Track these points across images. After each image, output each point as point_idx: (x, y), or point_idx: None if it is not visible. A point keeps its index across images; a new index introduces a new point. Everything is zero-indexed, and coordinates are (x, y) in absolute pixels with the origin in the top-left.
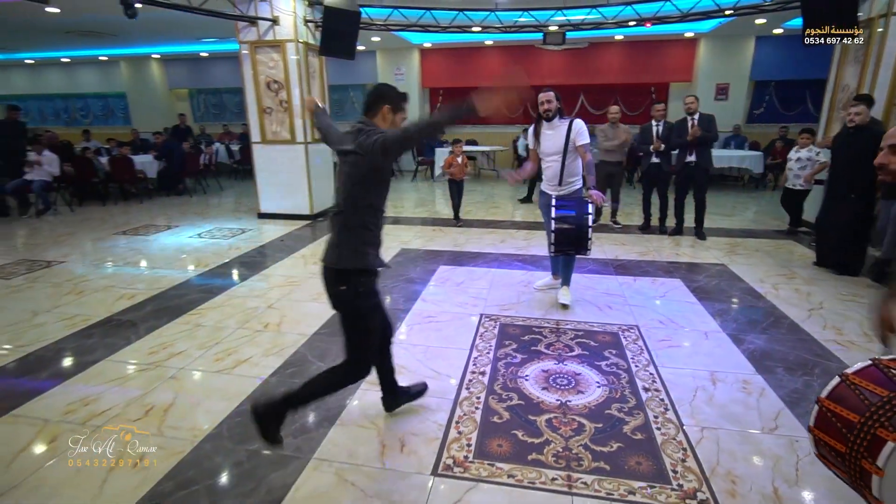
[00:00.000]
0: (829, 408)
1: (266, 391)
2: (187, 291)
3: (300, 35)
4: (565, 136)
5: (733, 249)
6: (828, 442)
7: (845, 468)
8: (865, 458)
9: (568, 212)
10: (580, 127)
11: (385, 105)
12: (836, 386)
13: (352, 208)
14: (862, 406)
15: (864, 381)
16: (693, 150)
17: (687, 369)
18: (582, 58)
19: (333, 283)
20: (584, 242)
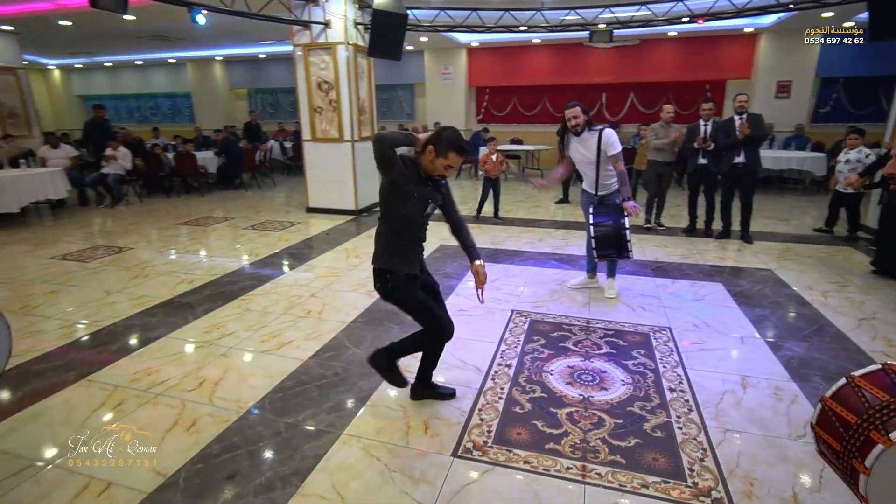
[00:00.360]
0: (831, 407)
1: (307, 370)
2: (239, 278)
3: (350, 37)
4: (596, 148)
5: (784, 255)
6: (826, 440)
7: (839, 465)
8: (856, 458)
9: (605, 219)
10: (610, 138)
11: (432, 145)
12: (841, 387)
13: (384, 217)
14: (861, 408)
15: (868, 384)
16: (741, 151)
17: (717, 373)
18: (633, 55)
19: (374, 280)
20: (624, 245)
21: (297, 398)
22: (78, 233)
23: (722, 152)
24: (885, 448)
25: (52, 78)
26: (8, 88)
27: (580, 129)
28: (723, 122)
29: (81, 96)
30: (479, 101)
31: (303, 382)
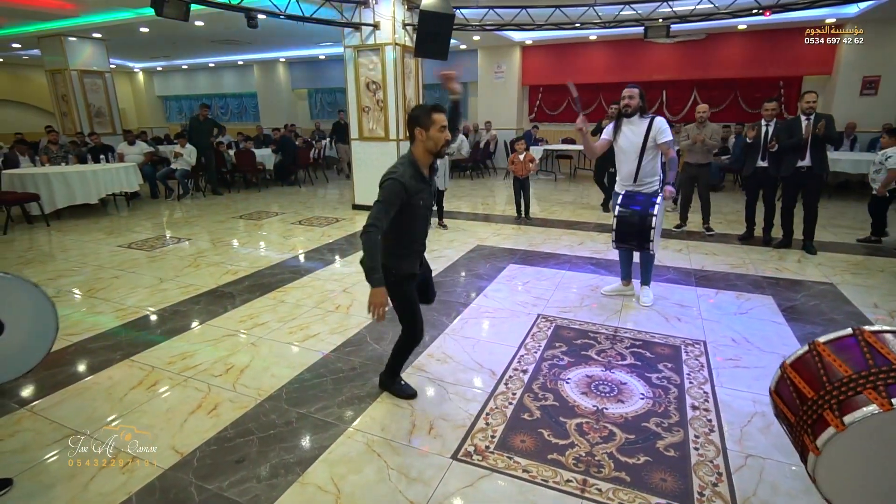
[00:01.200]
0: (789, 376)
1: (326, 363)
2: (280, 271)
3: (398, 38)
4: (644, 134)
5: (850, 268)
6: (781, 409)
7: (792, 437)
8: (808, 435)
9: (633, 206)
10: (662, 125)
11: (417, 128)
12: (802, 354)
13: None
14: (818, 382)
15: (832, 354)
16: (806, 154)
17: (748, 393)
18: (697, 50)
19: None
20: (647, 237)
21: (313, 390)
22: (146, 223)
23: (784, 154)
24: (836, 432)
25: (136, 80)
26: (97, 90)
27: (630, 112)
28: (787, 122)
29: (161, 96)
30: (531, 100)
31: (321, 375)
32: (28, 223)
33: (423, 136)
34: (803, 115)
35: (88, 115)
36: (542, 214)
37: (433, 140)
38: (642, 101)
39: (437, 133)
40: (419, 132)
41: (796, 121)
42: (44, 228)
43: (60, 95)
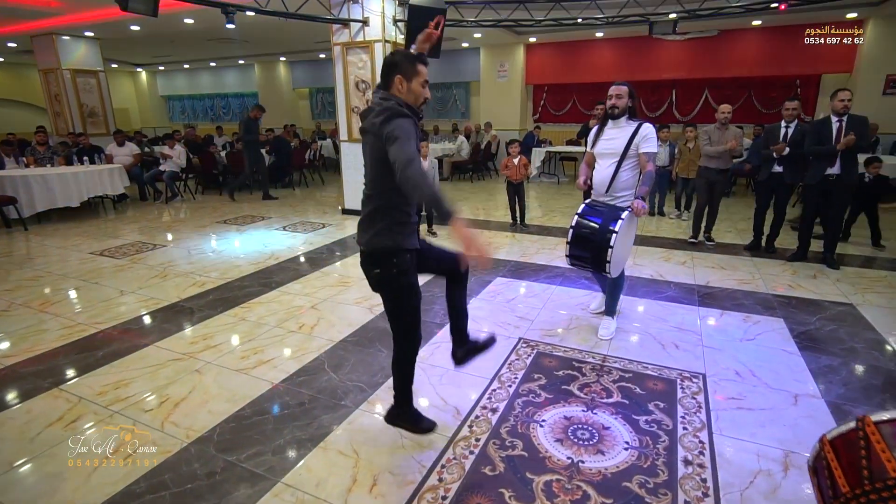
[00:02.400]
0: (826, 455)
1: (273, 396)
2: (249, 283)
3: (388, 35)
4: (628, 140)
5: (872, 285)
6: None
7: None
8: None
9: (593, 217)
10: (649, 132)
11: (396, 74)
12: (846, 432)
13: (378, 189)
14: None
15: (882, 441)
16: (837, 161)
17: (752, 443)
18: (709, 48)
19: (369, 266)
20: (603, 256)
21: (251, 430)
22: (128, 228)
23: (812, 160)
24: None
25: (139, 80)
26: (90, 90)
27: (617, 112)
28: (815, 124)
29: (164, 96)
30: (535, 100)
31: (262, 412)
32: (7, 227)
33: (402, 87)
34: (835, 115)
35: (81, 115)
36: (540, 221)
37: (413, 94)
38: (632, 101)
39: (419, 87)
40: (399, 80)
41: (826, 123)
42: (21, 233)
43: (53, 95)
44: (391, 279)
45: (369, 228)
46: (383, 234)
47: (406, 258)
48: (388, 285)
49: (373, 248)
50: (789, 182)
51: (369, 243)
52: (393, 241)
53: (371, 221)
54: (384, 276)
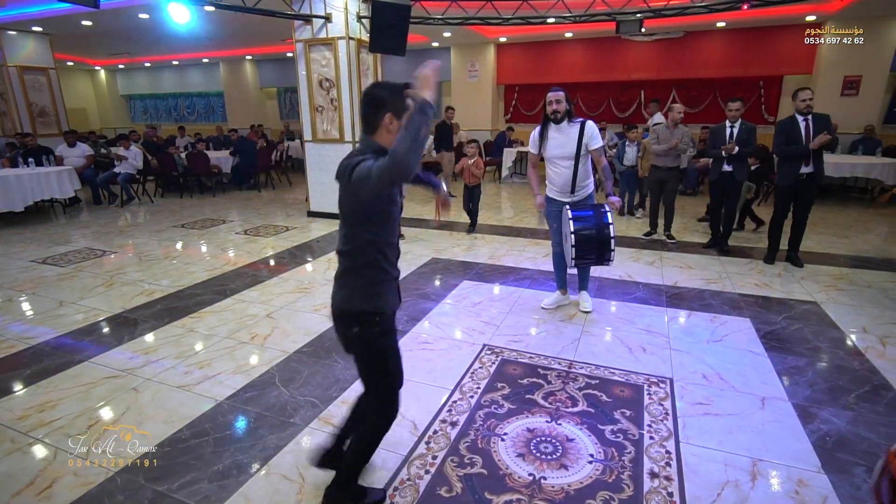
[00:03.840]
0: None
1: (216, 415)
2: (202, 291)
3: (352, 32)
4: (577, 140)
5: (835, 283)
6: None
7: None
8: None
9: (586, 223)
10: (593, 130)
11: (386, 113)
12: None
13: (353, 246)
14: None
15: None
16: (810, 161)
17: (720, 451)
18: (676, 49)
19: (345, 326)
20: (608, 247)
21: (187, 455)
22: (76, 234)
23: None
24: None
25: (98, 78)
26: (39, 88)
27: (560, 117)
28: (782, 124)
29: (125, 95)
30: (507, 100)
31: (202, 433)
32: None
33: (392, 127)
34: (799, 115)
35: (30, 114)
36: (511, 222)
37: None
38: (569, 104)
39: None
40: (389, 119)
41: (794, 123)
42: None
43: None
44: (370, 340)
45: (345, 287)
46: (364, 294)
47: (389, 320)
48: (363, 347)
49: (357, 310)
50: (739, 180)
51: (348, 303)
52: (374, 304)
53: (349, 280)
54: (365, 336)
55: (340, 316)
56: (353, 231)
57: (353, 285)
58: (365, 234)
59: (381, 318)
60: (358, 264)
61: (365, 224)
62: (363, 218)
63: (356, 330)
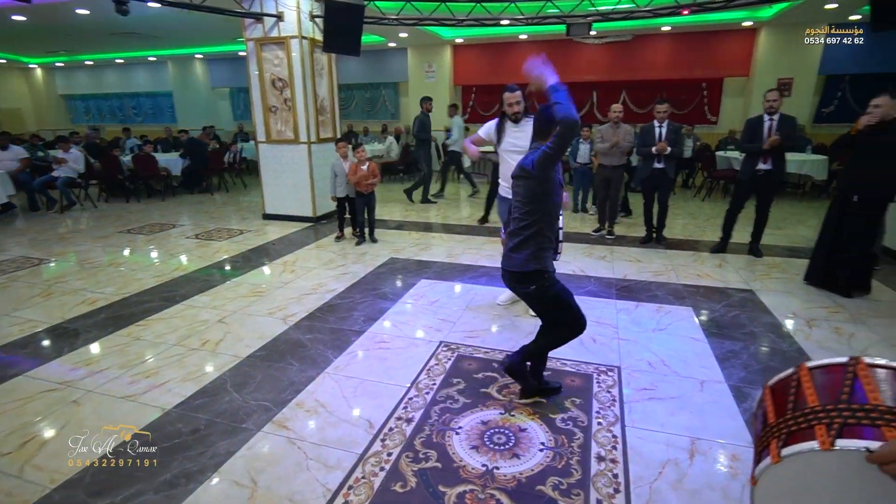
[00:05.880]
0: (765, 399)
1: (163, 425)
2: (149, 298)
3: (305, 31)
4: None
5: (768, 271)
6: (753, 434)
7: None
8: (755, 463)
9: None
10: None
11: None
12: (785, 377)
13: (533, 220)
14: (784, 408)
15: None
16: (768, 158)
17: (661, 433)
18: (625, 51)
19: (523, 285)
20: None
21: (130, 468)
22: (10, 241)
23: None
24: (772, 463)
25: (33, 77)
26: None
27: (520, 117)
28: (749, 122)
29: (64, 95)
30: (465, 101)
31: (149, 443)
32: None
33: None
34: (766, 115)
35: None
36: (469, 221)
37: None
38: (525, 102)
39: None
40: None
41: (758, 121)
42: None
43: None
44: (543, 292)
45: (521, 254)
46: (533, 258)
47: (553, 274)
48: (544, 297)
49: (531, 269)
50: (671, 177)
51: (522, 266)
52: (543, 264)
53: (523, 247)
54: (539, 291)
55: (517, 277)
56: (536, 208)
57: (528, 248)
58: (541, 213)
59: (549, 275)
60: (535, 231)
61: (542, 201)
62: (540, 199)
63: (532, 288)
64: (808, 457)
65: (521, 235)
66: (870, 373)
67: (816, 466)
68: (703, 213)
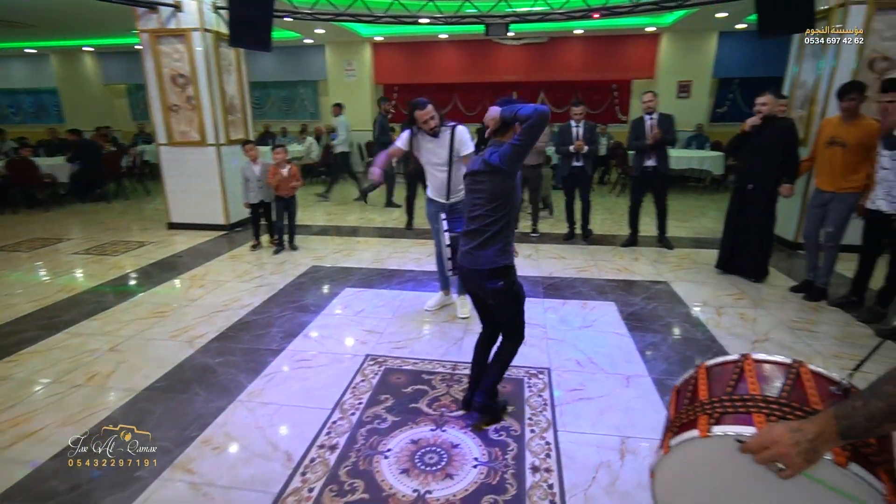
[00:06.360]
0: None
1: (33, 483)
2: (24, 327)
3: (208, 23)
4: (449, 146)
5: (680, 262)
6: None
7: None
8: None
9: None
10: (463, 136)
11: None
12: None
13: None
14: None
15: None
16: (652, 154)
17: (592, 435)
18: (542, 53)
19: (493, 281)
20: None
21: None
22: None
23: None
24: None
25: None
26: None
27: (438, 131)
28: (632, 122)
29: None
30: None
31: None
32: None
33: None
34: (646, 115)
35: None
36: (393, 223)
37: None
38: (438, 113)
39: None
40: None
41: (640, 121)
42: None
43: None
44: (508, 289)
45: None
46: (502, 254)
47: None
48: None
49: (502, 265)
50: (590, 174)
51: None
52: (510, 259)
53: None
54: (506, 287)
55: (484, 274)
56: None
57: (497, 244)
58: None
59: (513, 271)
60: (501, 227)
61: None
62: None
63: (500, 284)
64: (692, 444)
65: (489, 232)
66: (755, 367)
67: (702, 454)
68: (619, 209)
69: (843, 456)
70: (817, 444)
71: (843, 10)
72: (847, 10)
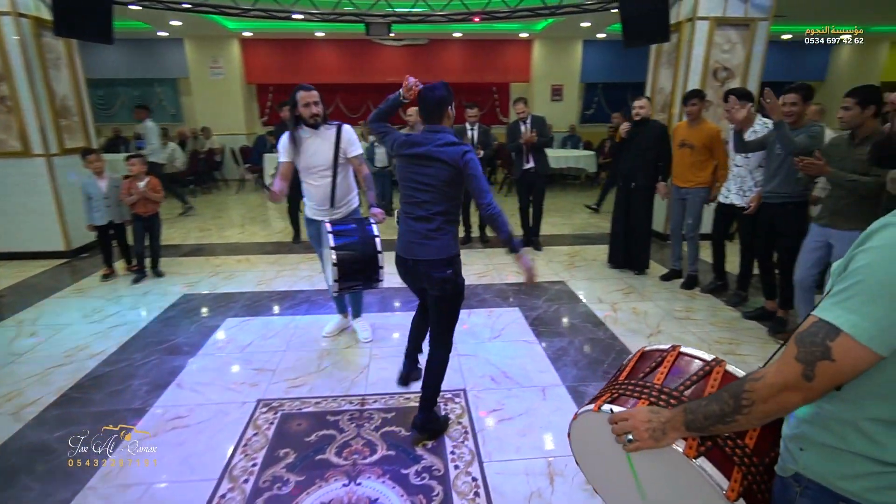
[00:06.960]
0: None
1: None
2: None
3: (24, 6)
4: (334, 146)
5: (572, 261)
6: None
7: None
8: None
9: (348, 238)
10: (351, 135)
11: (448, 107)
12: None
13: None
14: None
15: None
16: (530, 156)
17: (519, 460)
18: (423, 55)
19: (441, 270)
20: (375, 271)
21: None
22: None
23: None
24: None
25: None
26: None
27: (320, 121)
28: (509, 126)
29: None
30: (261, 101)
31: None
32: None
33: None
34: (521, 122)
35: None
36: (277, 237)
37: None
38: (323, 104)
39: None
40: (448, 112)
41: (516, 125)
42: None
43: None
44: (455, 282)
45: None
46: (453, 244)
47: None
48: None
49: (454, 254)
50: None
51: (442, 253)
52: (457, 248)
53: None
54: (454, 278)
55: (431, 264)
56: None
57: (448, 235)
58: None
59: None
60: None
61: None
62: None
63: (449, 272)
64: (589, 416)
65: (440, 219)
66: (674, 360)
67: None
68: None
69: (693, 449)
70: (667, 427)
71: (691, 24)
72: (694, 25)
